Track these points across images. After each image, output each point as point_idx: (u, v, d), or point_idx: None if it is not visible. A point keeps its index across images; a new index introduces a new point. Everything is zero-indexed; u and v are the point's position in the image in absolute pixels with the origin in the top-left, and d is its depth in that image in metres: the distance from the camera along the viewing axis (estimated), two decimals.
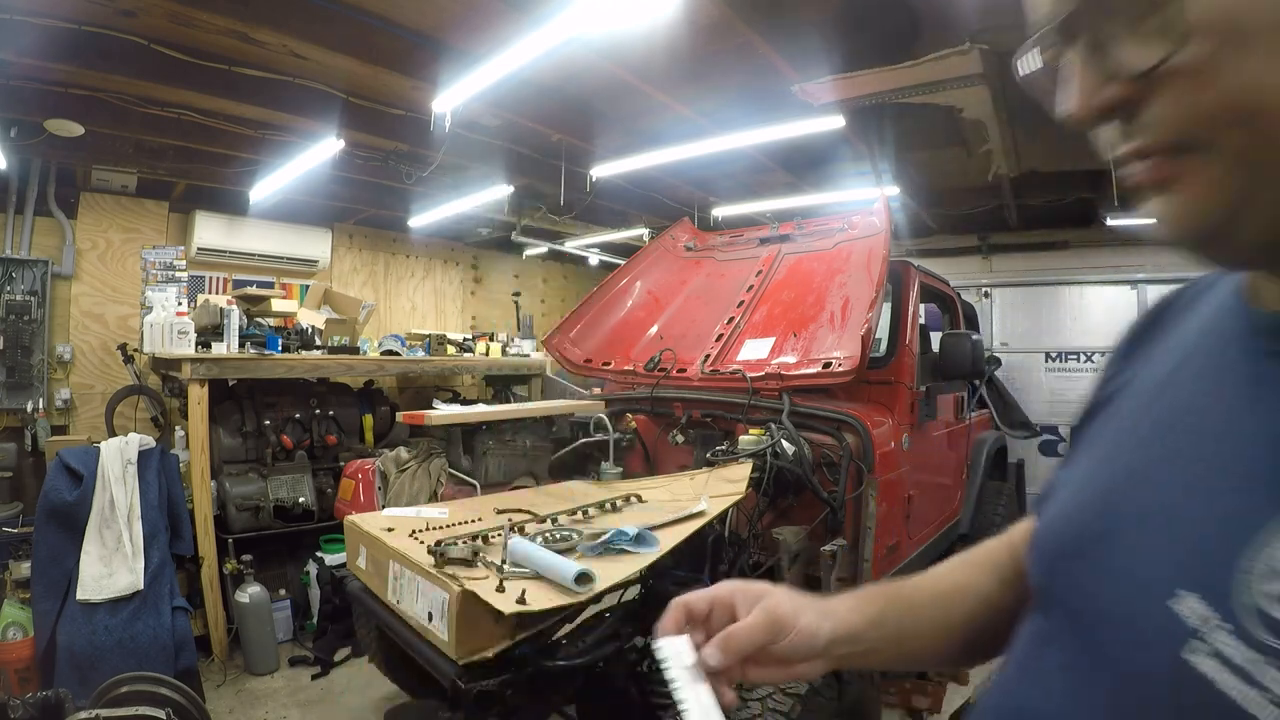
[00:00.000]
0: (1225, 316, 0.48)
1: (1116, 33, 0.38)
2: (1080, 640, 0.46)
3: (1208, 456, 0.42)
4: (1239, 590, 0.35)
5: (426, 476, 2.93)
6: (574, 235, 6.28)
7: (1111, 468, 0.50)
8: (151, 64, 2.91)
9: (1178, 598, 0.38)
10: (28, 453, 4.02)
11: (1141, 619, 0.40)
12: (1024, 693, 0.51)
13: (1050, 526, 0.55)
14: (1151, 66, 0.36)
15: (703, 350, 3.01)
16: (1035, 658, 0.51)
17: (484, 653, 1.50)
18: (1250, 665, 0.33)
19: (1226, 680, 0.34)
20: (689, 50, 2.94)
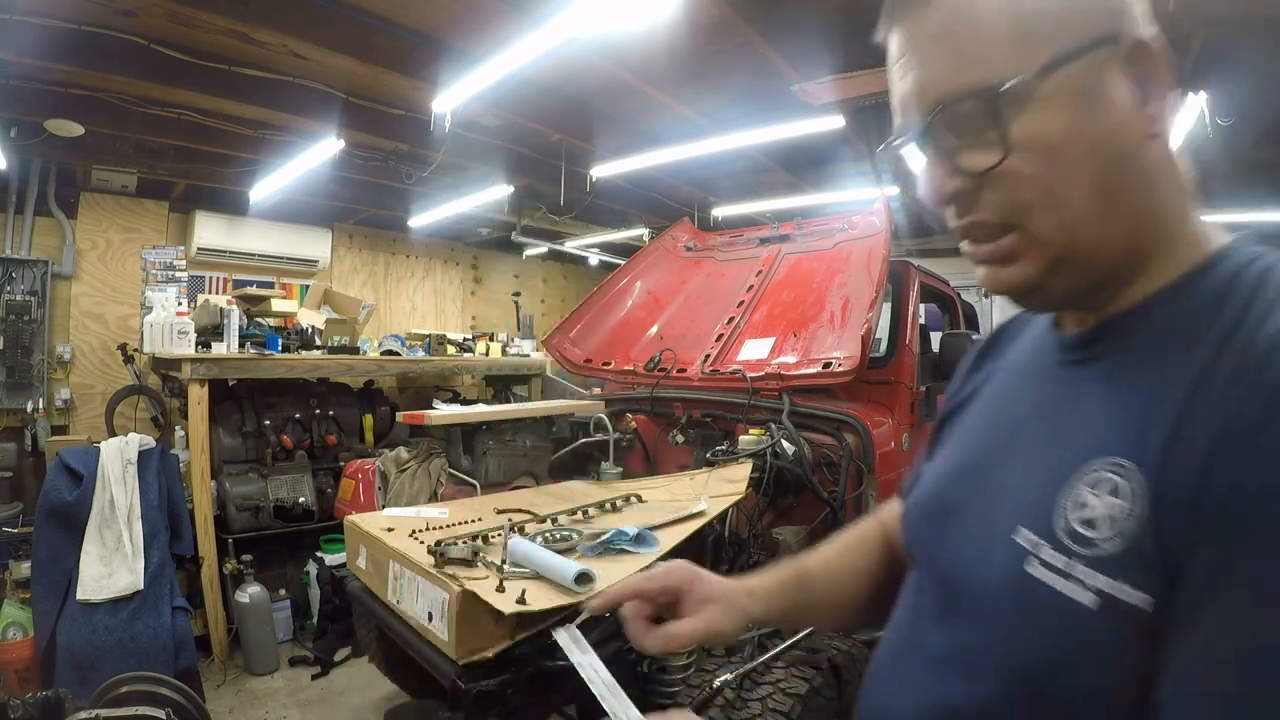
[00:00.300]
0: (1042, 338, 0.67)
1: (960, 143, 0.53)
2: (944, 579, 0.63)
3: (1031, 437, 0.60)
4: (1057, 519, 0.51)
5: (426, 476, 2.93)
6: (574, 235, 6.28)
7: (965, 453, 0.68)
8: (151, 64, 2.91)
9: (1018, 531, 0.54)
10: (28, 453, 4.02)
11: (993, 551, 0.56)
12: (908, 628, 0.68)
13: (918, 502, 0.72)
14: (986, 169, 0.52)
15: (703, 350, 3.01)
16: (914, 603, 0.68)
17: (484, 653, 1.50)
18: (1066, 566, 0.49)
19: (1052, 579, 0.50)
20: (689, 50, 2.94)
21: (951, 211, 0.57)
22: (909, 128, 0.57)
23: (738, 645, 1.76)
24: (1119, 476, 0.48)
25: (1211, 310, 0.50)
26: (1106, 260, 0.54)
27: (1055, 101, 0.50)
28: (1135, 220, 0.53)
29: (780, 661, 1.64)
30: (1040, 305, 0.60)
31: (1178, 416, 0.47)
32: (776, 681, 1.61)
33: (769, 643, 1.69)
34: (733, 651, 1.77)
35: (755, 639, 1.84)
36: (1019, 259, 0.54)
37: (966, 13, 0.52)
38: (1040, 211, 0.52)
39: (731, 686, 1.61)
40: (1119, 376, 0.54)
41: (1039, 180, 0.51)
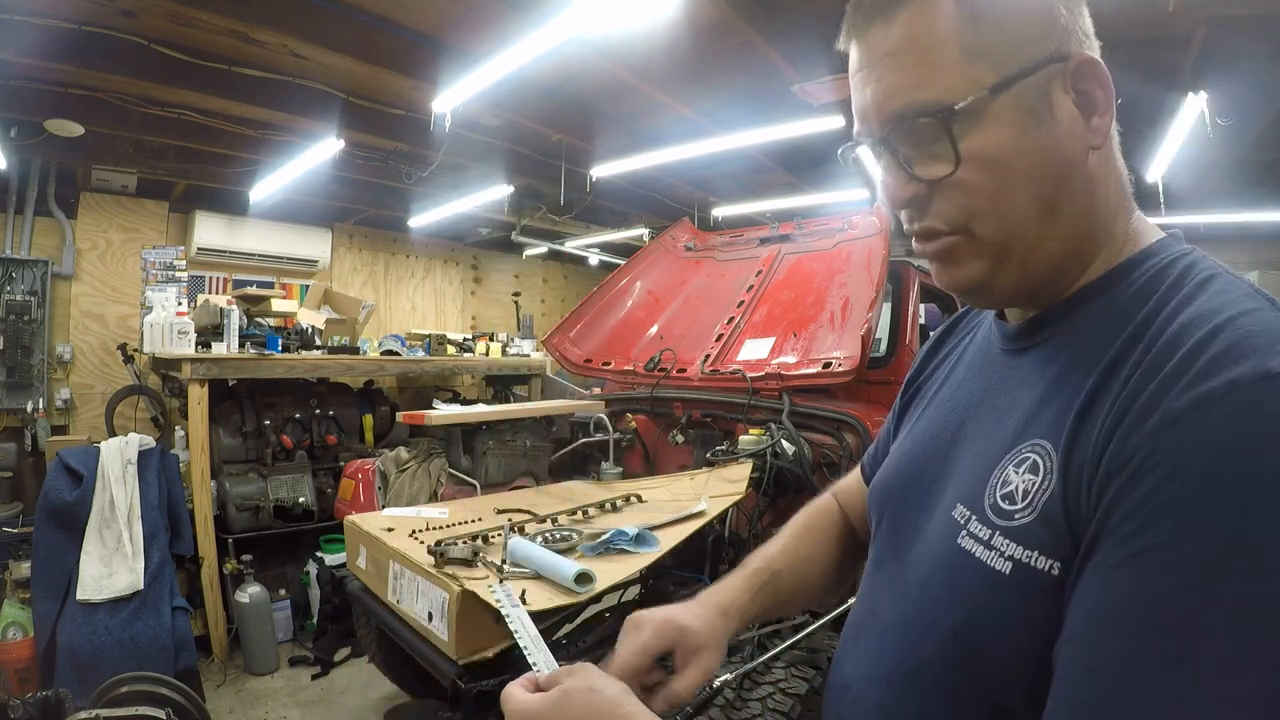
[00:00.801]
0: (990, 329, 0.72)
1: (915, 154, 0.58)
2: (898, 553, 0.68)
3: (976, 421, 0.65)
4: (986, 495, 0.56)
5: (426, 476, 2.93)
6: (574, 235, 6.28)
7: (922, 435, 0.74)
8: (151, 64, 2.91)
9: (955, 508, 0.60)
10: (28, 453, 4.02)
11: (936, 526, 0.62)
12: (868, 600, 0.73)
13: (883, 479, 0.77)
14: (939, 178, 0.57)
15: (703, 350, 3.01)
16: (874, 574, 0.74)
17: (484, 653, 1.50)
18: (988, 537, 0.54)
19: (976, 548, 0.55)
20: (689, 50, 2.94)
21: (905, 215, 0.62)
22: (868, 135, 0.61)
23: (738, 645, 1.76)
24: (1037, 455, 0.53)
25: (1136, 301, 0.54)
26: (1047, 261, 0.58)
27: (1003, 119, 0.54)
28: (1075, 224, 0.57)
29: (780, 661, 1.64)
30: (987, 302, 0.66)
31: (1088, 397, 0.51)
32: (776, 681, 1.61)
33: (769, 643, 1.69)
34: (733, 651, 1.77)
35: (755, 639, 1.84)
36: (966, 260, 0.59)
37: (923, 35, 0.55)
38: (986, 218, 0.56)
39: (731, 686, 1.61)
40: (1048, 363, 0.59)
41: (986, 190, 0.55)
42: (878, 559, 0.74)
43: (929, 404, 0.76)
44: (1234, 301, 0.49)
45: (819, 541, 0.92)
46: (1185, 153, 3.44)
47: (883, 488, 0.76)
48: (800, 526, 0.94)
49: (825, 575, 0.90)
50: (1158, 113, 3.20)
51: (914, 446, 0.74)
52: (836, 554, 0.91)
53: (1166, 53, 2.75)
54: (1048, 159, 0.55)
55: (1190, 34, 2.62)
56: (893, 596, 0.67)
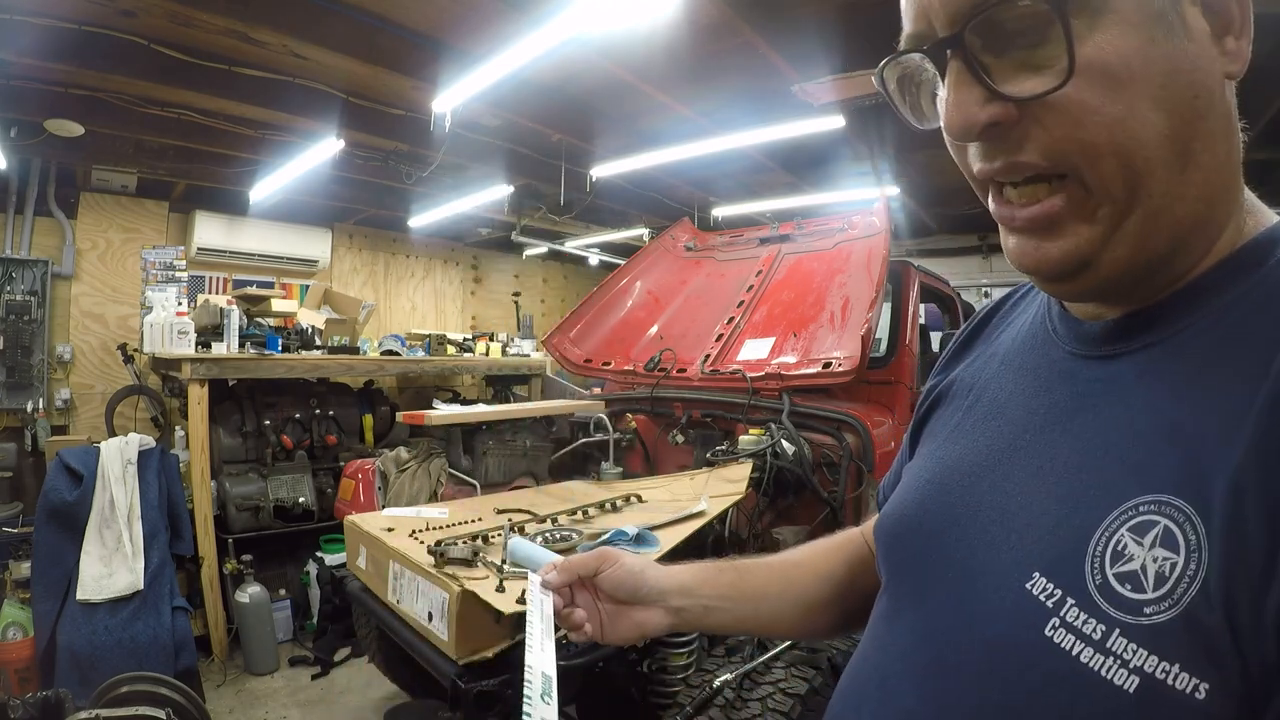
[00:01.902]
0: (1042, 323, 0.55)
1: (1000, 60, 0.42)
2: (929, 621, 0.51)
3: (1043, 452, 0.48)
4: (1089, 570, 0.40)
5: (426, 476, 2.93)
6: (574, 235, 6.28)
7: (954, 459, 0.56)
8: (151, 64, 2.91)
9: (1032, 579, 0.43)
10: (28, 453, 4.02)
11: (999, 601, 0.44)
12: (875, 669, 0.56)
13: (896, 513, 0.60)
14: (1041, 93, 0.40)
15: (703, 350, 3.01)
16: (885, 639, 0.56)
17: (484, 653, 1.50)
18: (1100, 636, 0.38)
19: (1080, 648, 0.39)
20: (689, 50, 2.94)
21: (979, 150, 0.44)
22: (925, 41, 0.44)
23: (738, 645, 1.76)
24: (1170, 521, 0.37)
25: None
26: (1173, 228, 0.43)
27: (1129, 18, 0.39)
28: (1211, 178, 0.43)
29: (780, 661, 1.64)
30: (1080, 290, 0.46)
31: (1257, 449, 0.35)
32: (776, 681, 1.61)
33: (769, 643, 1.69)
34: (733, 651, 1.77)
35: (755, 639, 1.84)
36: (1069, 225, 0.42)
37: None
38: (1105, 157, 0.40)
39: (731, 686, 1.61)
40: (1165, 379, 0.42)
41: (1106, 115, 0.40)
42: (890, 615, 0.57)
43: (962, 418, 0.59)
44: None
45: (826, 553, 0.78)
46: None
47: (899, 522, 0.59)
48: (817, 542, 0.81)
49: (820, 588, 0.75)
50: None
51: (942, 471, 0.56)
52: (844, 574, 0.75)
53: None
54: (1183, 82, 0.41)
55: None
56: (913, 672, 0.51)
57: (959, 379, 0.64)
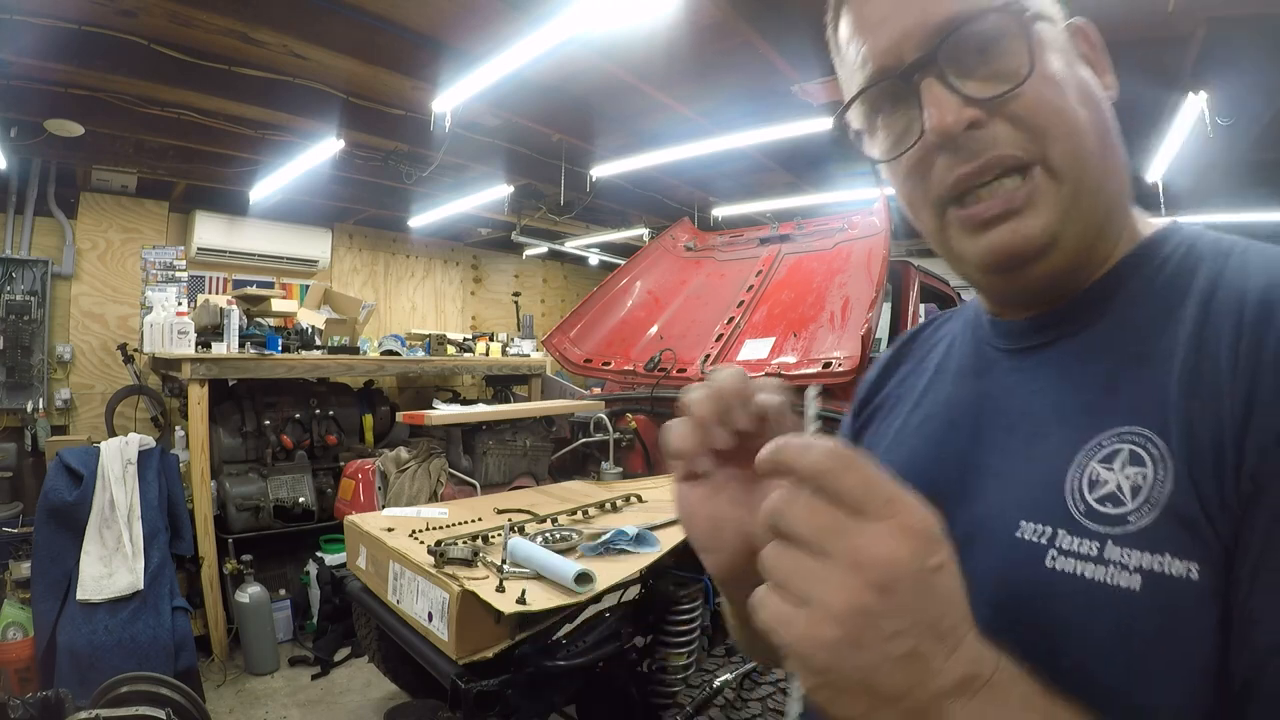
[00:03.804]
0: (970, 337, 0.64)
1: (966, 72, 0.50)
2: None
3: (997, 433, 0.55)
4: (1071, 502, 0.46)
5: (426, 476, 2.93)
6: (574, 235, 6.28)
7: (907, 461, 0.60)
8: (151, 64, 2.91)
9: (1020, 528, 0.48)
10: (28, 453, 4.02)
11: (994, 557, 0.49)
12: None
13: None
14: (1008, 89, 0.48)
15: (703, 350, 3.01)
16: None
17: (484, 653, 1.50)
18: (1096, 551, 0.44)
19: (1082, 567, 0.44)
20: (689, 50, 2.94)
21: (950, 160, 0.51)
22: (896, 67, 0.51)
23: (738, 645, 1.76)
24: (1134, 445, 0.45)
25: (1180, 276, 0.50)
26: (1105, 208, 0.52)
27: (1056, 49, 0.51)
28: (1121, 174, 0.53)
29: None
30: (1039, 273, 0.52)
31: (1189, 376, 0.44)
32: (776, 681, 1.61)
33: None
34: (733, 651, 1.77)
35: None
36: (1036, 204, 0.49)
37: None
38: (1061, 139, 0.49)
39: (731, 686, 1.61)
40: (1096, 352, 0.51)
41: (1057, 106, 0.49)
42: None
43: (903, 424, 0.65)
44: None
45: None
46: (1185, 153, 3.44)
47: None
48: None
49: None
50: (1158, 113, 3.20)
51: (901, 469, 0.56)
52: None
53: (1166, 53, 2.75)
54: (1090, 93, 0.51)
55: (1190, 34, 2.62)
56: None
57: (892, 393, 0.70)
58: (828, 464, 0.35)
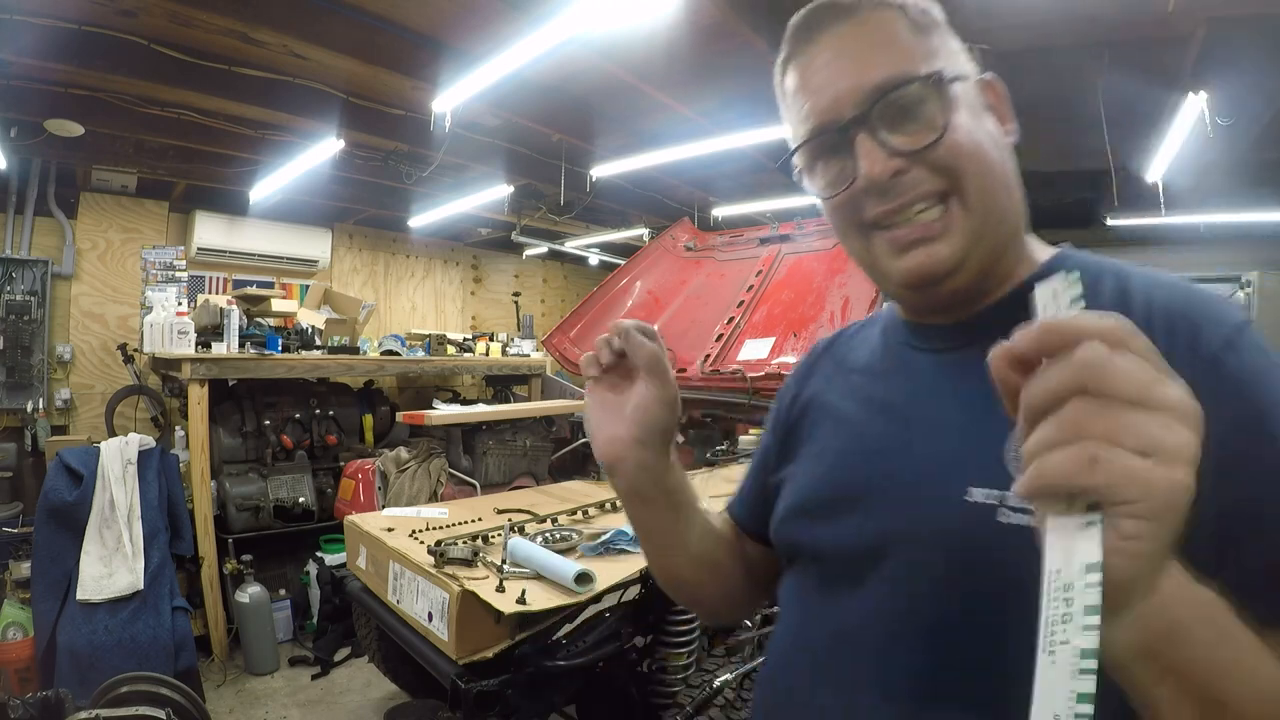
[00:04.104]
0: (884, 343, 0.76)
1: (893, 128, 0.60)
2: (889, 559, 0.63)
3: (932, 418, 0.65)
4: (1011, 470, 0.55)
5: (426, 476, 2.93)
6: (574, 235, 6.28)
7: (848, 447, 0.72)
8: (151, 64, 2.90)
9: (969, 494, 0.58)
10: (28, 453, 4.02)
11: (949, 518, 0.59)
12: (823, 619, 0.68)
13: (808, 498, 0.73)
14: (929, 143, 0.59)
15: (703, 350, 3.01)
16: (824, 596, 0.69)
17: (484, 653, 1.50)
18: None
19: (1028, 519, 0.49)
20: (689, 50, 2.94)
21: (876, 199, 0.62)
22: (835, 124, 0.62)
23: (738, 645, 1.77)
24: None
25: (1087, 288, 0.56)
26: (1006, 238, 0.63)
27: (966, 106, 0.61)
28: (1018, 209, 0.64)
29: None
30: (950, 291, 0.63)
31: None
32: None
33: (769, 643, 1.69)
34: (733, 652, 1.77)
35: (755, 639, 1.85)
36: (949, 232, 0.60)
37: (890, 31, 0.62)
38: (971, 178, 0.59)
39: (731, 686, 1.61)
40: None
41: (968, 151, 0.59)
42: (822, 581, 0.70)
43: (836, 423, 0.75)
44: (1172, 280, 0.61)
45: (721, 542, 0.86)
46: (1185, 153, 3.44)
47: (815, 503, 0.72)
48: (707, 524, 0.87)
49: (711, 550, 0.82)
50: (1158, 113, 3.20)
51: (841, 458, 0.72)
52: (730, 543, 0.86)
53: (1166, 53, 2.75)
54: (996, 141, 0.62)
55: (1190, 34, 2.62)
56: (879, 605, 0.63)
57: (819, 393, 0.80)
58: (1126, 330, 0.37)
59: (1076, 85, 3.02)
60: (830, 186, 0.65)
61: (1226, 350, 0.54)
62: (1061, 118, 3.48)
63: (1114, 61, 2.84)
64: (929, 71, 0.60)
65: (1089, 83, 2.94)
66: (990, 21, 2.54)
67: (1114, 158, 3.32)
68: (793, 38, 0.67)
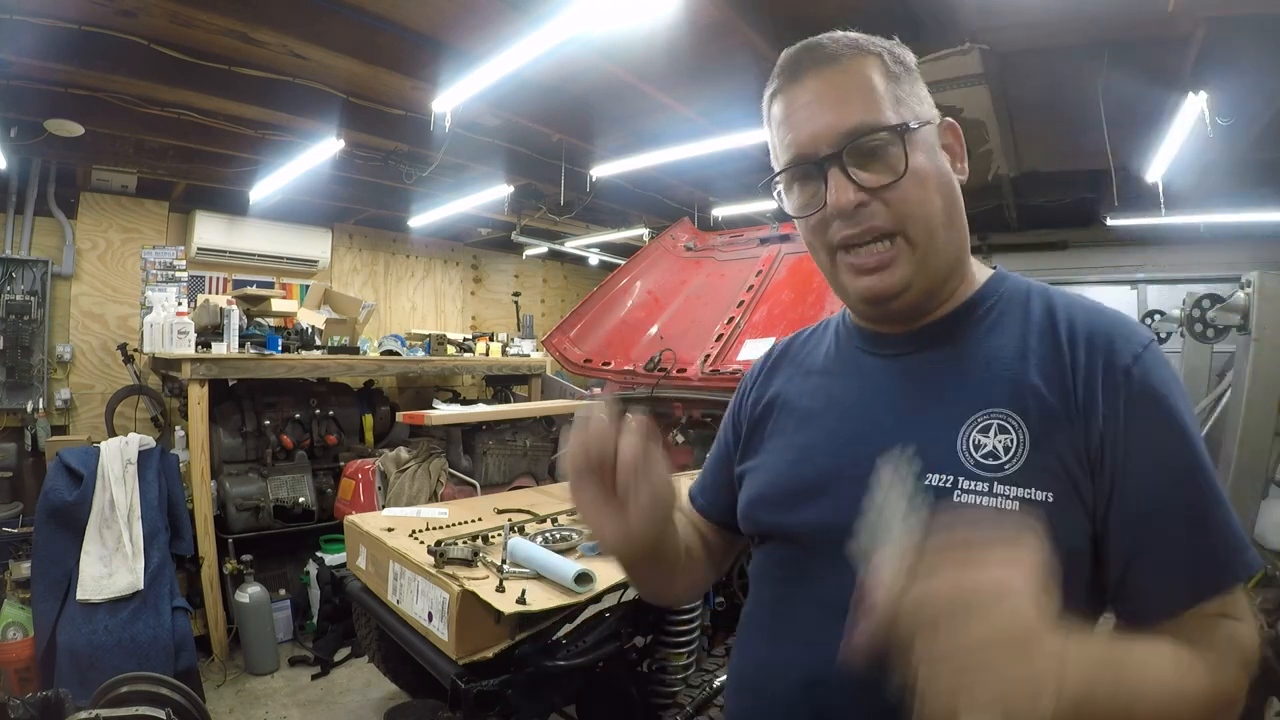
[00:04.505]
0: (838, 347, 0.87)
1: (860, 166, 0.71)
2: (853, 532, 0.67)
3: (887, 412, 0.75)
4: (963, 460, 0.68)
5: (426, 476, 2.93)
6: (574, 235, 6.28)
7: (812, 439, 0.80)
8: (151, 64, 2.90)
9: (925, 478, 0.67)
10: (28, 453, 4.02)
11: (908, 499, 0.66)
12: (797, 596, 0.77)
13: (777, 487, 0.82)
14: (889, 183, 0.70)
15: (703, 350, 3.01)
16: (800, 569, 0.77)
17: (484, 653, 1.50)
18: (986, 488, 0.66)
19: (981, 500, 0.66)
20: (689, 50, 2.94)
21: (842, 224, 0.72)
22: (812, 157, 0.72)
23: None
24: (998, 420, 0.68)
25: (1016, 306, 0.75)
26: (946, 265, 0.74)
27: (922, 147, 0.72)
28: (960, 238, 0.75)
29: None
30: (898, 309, 0.75)
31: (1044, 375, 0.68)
32: None
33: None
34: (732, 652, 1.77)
35: None
36: (897, 263, 0.71)
37: (868, 80, 0.72)
38: (917, 220, 0.71)
39: None
40: (960, 355, 0.74)
41: (916, 197, 0.70)
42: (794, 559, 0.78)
43: (800, 419, 0.84)
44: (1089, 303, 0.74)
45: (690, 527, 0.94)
46: (1185, 153, 3.44)
47: (784, 491, 0.80)
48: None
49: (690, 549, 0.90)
50: (1158, 113, 3.19)
51: (806, 449, 0.80)
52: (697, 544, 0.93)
53: (1166, 53, 2.75)
54: (945, 182, 0.73)
55: (1190, 34, 2.61)
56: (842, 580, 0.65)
57: (783, 392, 0.88)
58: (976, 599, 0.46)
59: (1076, 85, 3.02)
60: (804, 208, 0.76)
61: (1136, 364, 0.67)
62: (1061, 118, 3.48)
63: (1114, 61, 2.83)
64: (896, 123, 0.70)
65: (1089, 83, 2.94)
66: (990, 21, 2.54)
67: (1114, 158, 3.32)
68: (781, 74, 0.78)
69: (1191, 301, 3.44)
